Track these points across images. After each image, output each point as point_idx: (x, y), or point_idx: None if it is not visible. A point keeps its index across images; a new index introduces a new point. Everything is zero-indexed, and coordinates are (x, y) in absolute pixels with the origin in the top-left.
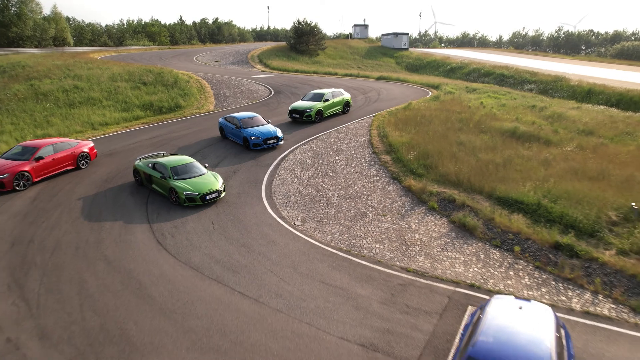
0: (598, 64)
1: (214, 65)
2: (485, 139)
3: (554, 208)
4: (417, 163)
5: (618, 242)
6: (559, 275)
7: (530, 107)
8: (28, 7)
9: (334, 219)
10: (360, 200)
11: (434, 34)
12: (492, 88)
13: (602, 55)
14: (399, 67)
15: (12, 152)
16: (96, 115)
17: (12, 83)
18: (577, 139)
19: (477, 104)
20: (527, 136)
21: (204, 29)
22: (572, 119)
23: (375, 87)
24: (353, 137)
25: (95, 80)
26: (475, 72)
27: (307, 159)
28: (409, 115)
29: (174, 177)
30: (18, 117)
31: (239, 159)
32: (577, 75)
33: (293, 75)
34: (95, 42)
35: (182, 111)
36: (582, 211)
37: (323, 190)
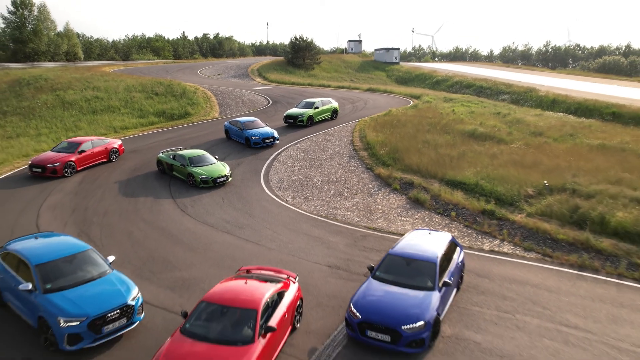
0: (573, 77)
1: (216, 78)
2: (447, 138)
3: (486, 186)
4: (388, 156)
5: (528, 209)
6: (480, 230)
7: (496, 114)
8: (44, 25)
9: (317, 196)
10: (339, 184)
11: (428, 47)
12: (468, 98)
13: (585, 69)
14: (390, 80)
15: (59, 146)
16: (117, 121)
17: (39, 94)
18: (526, 138)
19: (449, 111)
20: (484, 136)
21: (206, 44)
22: (529, 123)
23: (363, 98)
24: (338, 138)
25: (113, 91)
26: (458, 84)
27: (298, 154)
28: (387, 120)
29: (191, 165)
30: (50, 122)
31: (242, 155)
32: (547, 86)
33: (290, 88)
34: (103, 56)
35: (191, 118)
36: (507, 188)
37: (310, 177)
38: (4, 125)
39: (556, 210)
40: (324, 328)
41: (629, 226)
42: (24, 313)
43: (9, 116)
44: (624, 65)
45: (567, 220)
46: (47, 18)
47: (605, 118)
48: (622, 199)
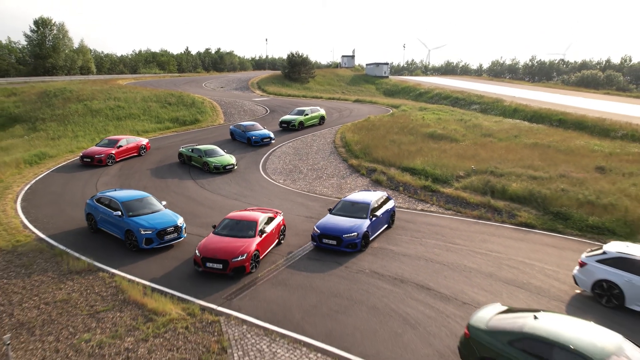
0: (544, 89)
1: (220, 90)
2: (410, 138)
3: (429, 170)
4: (360, 151)
5: (456, 184)
6: (417, 198)
7: (459, 120)
8: (62, 42)
9: (302, 179)
10: (320, 171)
11: (420, 62)
12: (441, 108)
13: (566, 82)
14: (378, 92)
15: (102, 142)
16: (138, 126)
17: (68, 104)
18: (476, 139)
19: (419, 118)
20: (441, 137)
21: (208, 59)
22: (484, 127)
23: (349, 107)
24: (322, 138)
25: (132, 101)
26: (437, 96)
27: (289, 150)
28: (364, 125)
29: (206, 156)
30: (83, 127)
31: (245, 151)
32: (512, 97)
33: (286, 99)
34: (113, 70)
35: (201, 123)
36: (443, 171)
37: (298, 167)
38: (46, 129)
39: (475, 184)
40: (298, 243)
41: (519, 193)
42: (115, 231)
43: (47, 122)
44: (601, 79)
45: (480, 191)
46: (65, 36)
47: (552, 124)
48: (523, 177)
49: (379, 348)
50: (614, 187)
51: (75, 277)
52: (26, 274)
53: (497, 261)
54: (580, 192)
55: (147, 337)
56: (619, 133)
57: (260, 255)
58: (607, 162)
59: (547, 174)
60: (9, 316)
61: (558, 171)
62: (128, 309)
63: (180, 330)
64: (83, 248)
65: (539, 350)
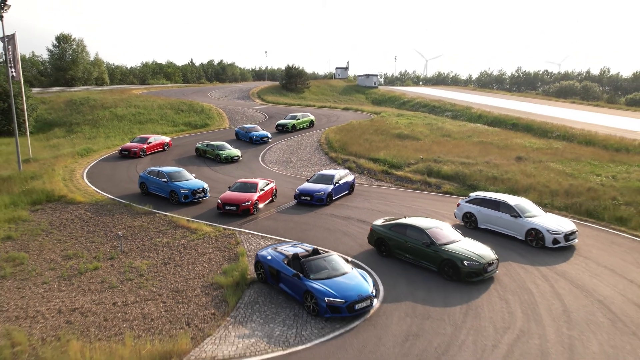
0: (519, 99)
1: (224, 99)
2: (381, 137)
3: (388, 159)
4: (339, 147)
5: (407, 169)
6: (376, 178)
7: (427, 124)
8: (80, 55)
9: (292, 167)
10: (306, 161)
11: (413, 72)
12: (417, 114)
13: (546, 93)
14: (367, 101)
15: (135, 140)
16: (158, 128)
17: (95, 110)
18: (435, 138)
19: (393, 122)
20: (406, 136)
21: (211, 70)
22: (445, 129)
23: (337, 114)
24: (310, 138)
25: (150, 108)
26: (418, 104)
27: (283, 147)
28: (346, 127)
29: (217, 150)
30: (112, 129)
31: (247, 147)
32: (479, 105)
33: (282, 107)
34: (123, 81)
35: (209, 127)
36: (399, 160)
37: (289, 158)
38: (81, 131)
39: (419, 168)
40: (285, 202)
41: (449, 173)
42: (162, 193)
43: (81, 125)
44: (578, 89)
45: (422, 172)
46: (83, 50)
47: (507, 127)
48: (456, 163)
49: (327, 243)
50: (517, 169)
51: (142, 215)
52: (111, 214)
53: (416, 209)
54: (491, 172)
55: (193, 239)
56: (555, 134)
57: (260, 204)
58: (527, 154)
59: (475, 161)
60: (111, 231)
61: (485, 159)
62: (179, 229)
63: (212, 237)
64: (141, 203)
65: (401, 230)
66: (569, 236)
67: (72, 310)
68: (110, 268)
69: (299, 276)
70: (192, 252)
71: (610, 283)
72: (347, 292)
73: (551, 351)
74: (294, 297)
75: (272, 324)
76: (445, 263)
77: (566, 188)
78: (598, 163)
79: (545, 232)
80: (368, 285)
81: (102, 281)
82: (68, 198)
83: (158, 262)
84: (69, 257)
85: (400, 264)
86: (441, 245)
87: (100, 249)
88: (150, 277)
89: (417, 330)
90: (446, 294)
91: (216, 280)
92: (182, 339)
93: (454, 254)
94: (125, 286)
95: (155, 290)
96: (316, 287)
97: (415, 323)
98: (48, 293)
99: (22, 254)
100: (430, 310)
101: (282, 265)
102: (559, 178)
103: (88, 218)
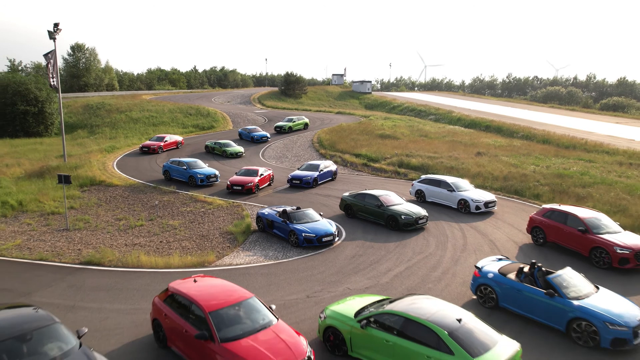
0: (502, 103)
1: (227, 104)
2: (365, 137)
3: (368, 154)
4: (328, 145)
5: (383, 162)
6: (356, 169)
7: (409, 126)
8: (93, 63)
9: (287, 161)
10: (300, 157)
11: (408, 78)
12: (403, 117)
13: (534, 98)
14: (360, 106)
15: (153, 138)
16: (170, 130)
17: (111, 114)
18: (414, 137)
19: (379, 124)
20: (387, 136)
21: (213, 76)
22: (424, 130)
23: (330, 117)
24: (304, 138)
25: (161, 112)
26: (406, 109)
27: (280, 145)
28: (335, 129)
29: (224, 147)
30: (129, 130)
31: (249, 145)
32: (462, 109)
33: (281, 111)
34: (131, 87)
35: (215, 129)
36: (377, 155)
37: (285, 154)
38: (103, 132)
39: (393, 161)
40: (279, 185)
41: (416, 164)
42: (182, 178)
43: (101, 127)
44: (563, 95)
45: (395, 164)
46: (95, 58)
47: (480, 129)
48: (424, 157)
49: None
50: (473, 161)
51: (168, 194)
52: (143, 193)
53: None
54: (451, 163)
55: (210, 208)
56: (519, 134)
57: (260, 186)
58: (487, 150)
59: (441, 156)
60: (146, 204)
61: (449, 154)
62: (198, 202)
63: (224, 207)
64: (166, 185)
65: (362, 198)
66: (488, 204)
67: (134, 244)
68: (152, 225)
69: (286, 222)
70: (210, 215)
71: (505, 232)
72: (318, 230)
73: (443, 261)
74: (282, 237)
75: (268, 250)
76: (389, 218)
77: (505, 174)
78: (543, 157)
79: (470, 201)
80: (332, 227)
81: (148, 231)
82: (107, 182)
83: (186, 221)
84: (119, 219)
85: (360, 222)
86: (387, 207)
87: (141, 214)
88: (182, 229)
89: (362, 253)
90: (387, 237)
91: (229, 229)
92: (210, 255)
93: (395, 211)
94: (165, 234)
95: (187, 235)
96: (297, 228)
97: (361, 250)
98: (114, 237)
99: (86, 216)
100: (373, 244)
101: (275, 217)
102: (503, 167)
103: (126, 195)
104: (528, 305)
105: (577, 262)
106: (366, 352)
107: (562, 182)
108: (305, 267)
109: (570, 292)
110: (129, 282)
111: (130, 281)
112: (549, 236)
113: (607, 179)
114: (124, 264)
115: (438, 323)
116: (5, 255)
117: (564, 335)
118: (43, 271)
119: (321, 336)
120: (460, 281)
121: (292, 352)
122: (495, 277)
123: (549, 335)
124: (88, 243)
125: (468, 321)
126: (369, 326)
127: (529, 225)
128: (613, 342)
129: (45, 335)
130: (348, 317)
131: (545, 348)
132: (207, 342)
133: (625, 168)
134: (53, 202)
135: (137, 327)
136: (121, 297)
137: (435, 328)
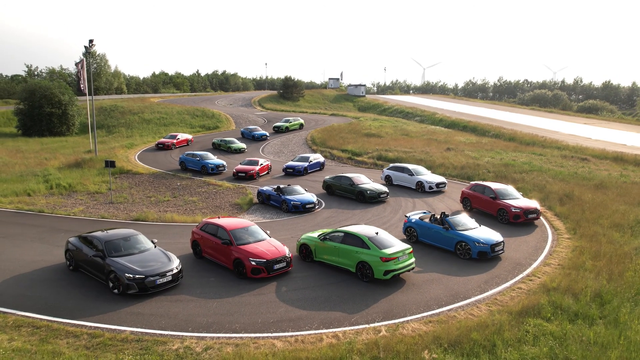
0: (487, 106)
1: (230, 106)
2: (353, 135)
3: (353, 150)
4: (319, 142)
5: (365, 156)
6: (343, 163)
7: (394, 126)
8: (103, 68)
9: (284, 155)
10: (294, 152)
11: (404, 81)
12: (390, 119)
13: (521, 101)
14: (354, 109)
15: (167, 136)
16: (179, 130)
17: (125, 115)
18: (396, 136)
19: (367, 125)
20: (373, 135)
21: (215, 80)
22: (407, 130)
23: (324, 119)
24: (299, 136)
25: (170, 114)
26: (395, 111)
27: (277, 142)
28: (327, 129)
29: (228, 144)
30: (143, 130)
31: (250, 143)
32: (446, 110)
33: (279, 113)
34: (138, 90)
35: (220, 129)
36: (361, 150)
37: (282, 150)
38: (119, 131)
39: (374, 155)
40: (276, 174)
41: (392, 157)
42: (196, 168)
43: (117, 127)
44: (549, 97)
45: (375, 157)
46: (105, 63)
47: (459, 129)
48: (400, 152)
49: None
50: (440, 155)
51: (185, 180)
52: (165, 178)
53: None
54: (421, 156)
55: (220, 189)
56: (490, 133)
57: (260, 173)
58: (457, 146)
59: (414, 151)
60: (168, 186)
61: (422, 149)
62: (211, 185)
63: (232, 188)
64: (183, 173)
65: (339, 179)
66: (439, 185)
67: (165, 211)
68: (176, 200)
69: (280, 195)
70: (221, 194)
71: (446, 203)
72: (303, 200)
73: (392, 220)
74: (276, 206)
75: (265, 213)
76: (359, 193)
77: (463, 165)
78: (502, 151)
79: (425, 182)
80: (314, 198)
81: (174, 205)
82: (133, 171)
83: (202, 198)
84: (149, 197)
85: (337, 198)
86: (357, 185)
87: (166, 193)
88: (200, 203)
89: (335, 216)
90: (355, 206)
91: (236, 202)
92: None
93: (363, 188)
94: (187, 206)
95: (204, 206)
96: (288, 198)
97: (335, 214)
98: (148, 207)
99: (124, 195)
100: (344, 211)
101: (272, 192)
102: (464, 159)
103: (152, 180)
104: (434, 237)
105: (489, 219)
106: (324, 255)
107: (506, 170)
108: (292, 223)
109: (459, 227)
110: (168, 230)
111: (169, 229)
112: (474, 203)
113: (543, 168)
114: (162, 220)
115: (363, 233)
116: (77, 215)
117: (453, 253)
118: (106, 225)
119: (297, 251)
120: (398, 230)
121: (278, 251)
122: (416, 222)
123: (445, 254)
124: (131, 210)
125: (381, 233)
126: (325, 240)
127: (461, 197)
128: (479, 254)
129: (136, 239)
130: (314, 238)
131: (442, 259)
132: (229, 246)
133: (565, 160)
134: (94, 185)
135: (180, 251)
136: (166, 236)
137: (361, 235)
